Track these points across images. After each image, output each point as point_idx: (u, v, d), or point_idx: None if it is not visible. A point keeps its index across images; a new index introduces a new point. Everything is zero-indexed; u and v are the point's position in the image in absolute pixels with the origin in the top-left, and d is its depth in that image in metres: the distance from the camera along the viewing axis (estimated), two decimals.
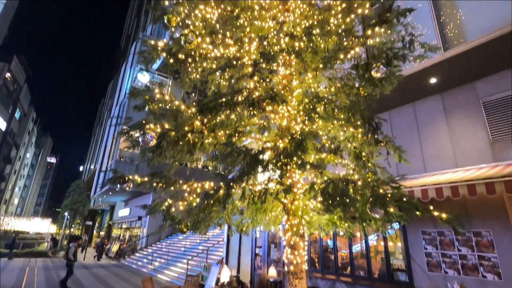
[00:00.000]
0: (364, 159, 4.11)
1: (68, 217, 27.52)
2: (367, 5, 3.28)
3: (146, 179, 3.89)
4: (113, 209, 31.80)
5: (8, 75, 41.05)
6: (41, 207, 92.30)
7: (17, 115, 49.71)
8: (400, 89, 6.02)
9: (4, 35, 38.65)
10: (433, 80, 6.29)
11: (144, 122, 3.16)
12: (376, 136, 3.56)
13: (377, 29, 3.02)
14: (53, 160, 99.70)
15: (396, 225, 6.34)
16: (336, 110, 3.80)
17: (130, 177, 3.80)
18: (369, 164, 4.06)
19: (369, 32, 3.07)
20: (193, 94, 23.70)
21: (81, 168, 61.67)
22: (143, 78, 21.64)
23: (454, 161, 6.06)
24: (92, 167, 39.25)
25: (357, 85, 3.97)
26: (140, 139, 3.10)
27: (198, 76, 4.67)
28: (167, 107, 4.02)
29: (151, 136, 3.09)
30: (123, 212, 27.54)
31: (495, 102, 5.81)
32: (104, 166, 24.26)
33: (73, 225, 28.98)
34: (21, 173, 62.99)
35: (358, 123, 3.95)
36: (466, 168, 5.69)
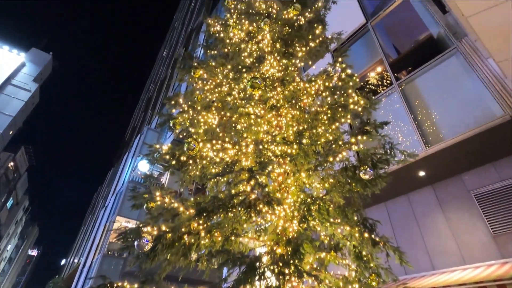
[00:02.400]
0: (365, 259, 3.96)
1: None
2: (348, 116, 3.79)
3: (136, 286, 3.63)
4: None
5: (11, 164, 42.03)
6: None
7: (9, 203, 48.59)
8: (391, 182, 6.28)
9: (18, 128, 41.31)
10: (421, 173, 6.59)
11: (141, 226, 3.18)
12: (373, 236, 3.54)
13: (359, 137, 3.42)
14: (34, 253, 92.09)
15: None
16: (331, 208, 3.88)
17: (119, 283, 3.56)
18: (371, 265, 3.89)
19: (353, 140, 3.46)
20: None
21: (63, 262, 56.49)
22: (143, 167, 22.22)
23: (460, 257, 5.79)
24: (76, 260, 36.11)
25: (349, 181, 4.17)
26: (135, 244, 3.05)
27: (197, 173, 4.91)
28: (165, 204, 4.10)
29: (146, 240, 3.06)
30: None
31: (486, 194, 5.95)
32: (90, 260, 22.37)
33: None
34: None
35: (355, 218, 3.98)
36: (475, 265, 5.40)
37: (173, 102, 5.25)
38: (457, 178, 6.53)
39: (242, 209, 3.19)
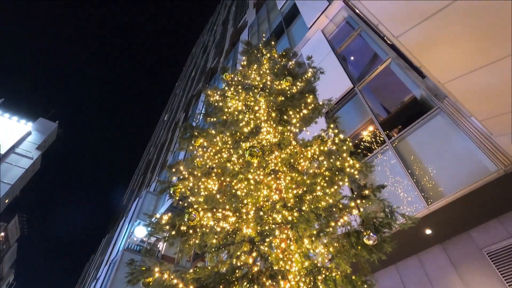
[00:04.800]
0: None
1: None
2: (346, 179, 3.88)
3: None
4: None
5: (1, 234, 40.24)
6: None
7: None
8: (399, 242, 6.03)
9: (15, 196, 40.74)
10: (428, 231, 6.39)
11: None
12: None
13: (359, 201, 3.45)
14: None
15: None
16: (338, 276, 3.68)
17: None
18: None
19: (352, 204, 3.49)
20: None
21: None
22: (140, 233, 21.32)
23: None
24: None
25: (354, 245, 4.04)
26: None
27: (197, 241, 4.76)
28: (163, 279, 3.88)
29: None
30: None
31: (500, 252, 5.69)
32: None
33: None
34: None
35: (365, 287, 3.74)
36: None
37: (174, 170, 5.39)
38: (466, 235, 6.32)
39: (245, 283, 3.04)
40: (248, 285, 3.06)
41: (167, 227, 4.13)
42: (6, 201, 38.78)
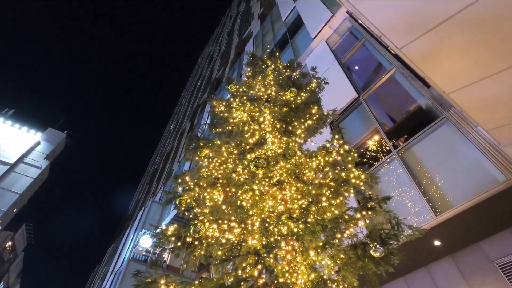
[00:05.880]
0: None
1: None
2: (352, 190, 3.86)
3: None
4: None
5: (8, 244, 40.51)
6: None
7: None
8: (408, 254, 5.91)
9: (23, 205, 41.17)
10: (437, 243, 6.27)
11: None
12: None
13: (364, 213, 3.43)
14: None
15: None
16: None
17: None
18: None
19: (358, 215, 3.47)
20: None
21: None
22: (146, 243, 21.24)
23: None
24: None
25: (360, 257, 3.99)
26: None
27: (202, 252, 4.75)
28: None
29: None
30: None
31: None
32: None
33: None
34: None
35: None
36: None
37: (179, 180, 5.43)
38: (476, 246, 6.18)
39: None
40: None
41: (173, 238, 4.15)
42: (14, 210, 39.19)
